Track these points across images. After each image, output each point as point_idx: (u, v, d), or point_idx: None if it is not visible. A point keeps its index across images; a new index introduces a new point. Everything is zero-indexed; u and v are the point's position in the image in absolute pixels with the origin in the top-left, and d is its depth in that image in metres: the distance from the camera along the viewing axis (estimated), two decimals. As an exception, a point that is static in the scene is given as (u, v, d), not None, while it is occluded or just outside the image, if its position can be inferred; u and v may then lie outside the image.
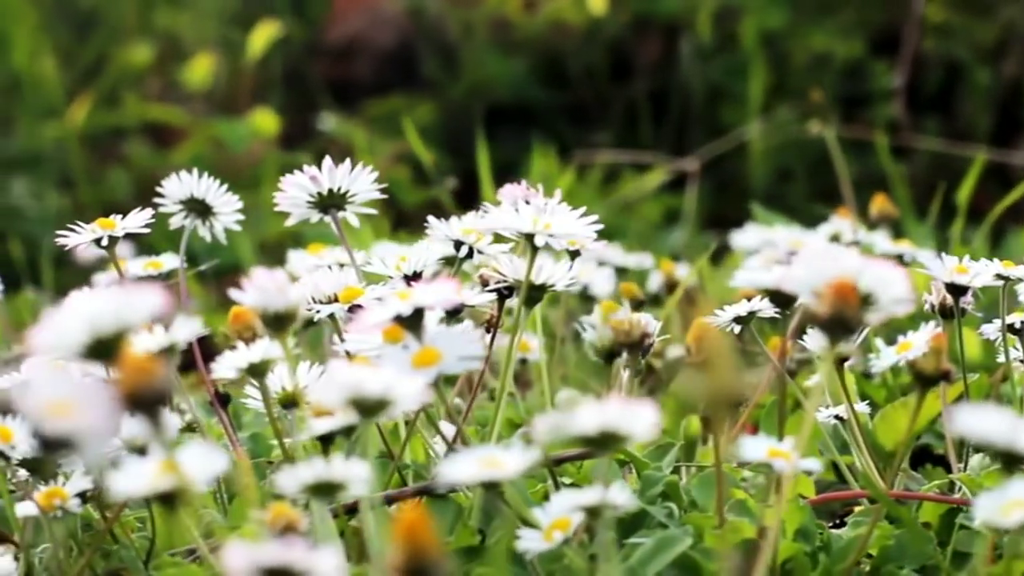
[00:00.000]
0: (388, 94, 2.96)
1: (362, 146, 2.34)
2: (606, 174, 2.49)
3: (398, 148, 2.67)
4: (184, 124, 2.73)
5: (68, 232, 1.32)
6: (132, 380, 0.82)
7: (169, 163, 2.73)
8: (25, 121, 2.71)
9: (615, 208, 2.23)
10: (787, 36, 2.68)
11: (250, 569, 0.82)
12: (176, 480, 0.91)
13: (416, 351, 1.06)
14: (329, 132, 2.75)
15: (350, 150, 2.78)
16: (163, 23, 3.07)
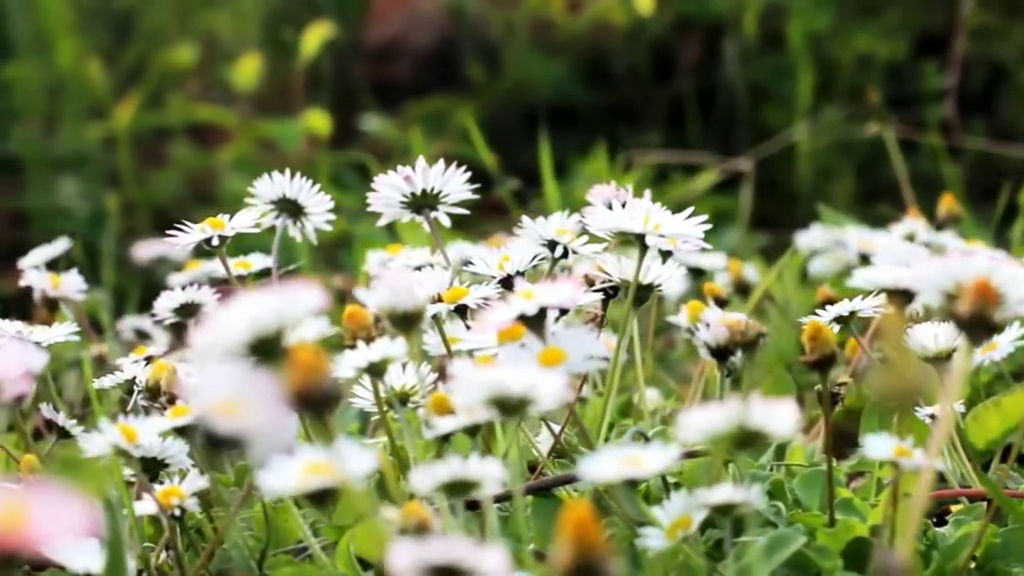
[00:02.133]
0: (427, 95, 2.96)
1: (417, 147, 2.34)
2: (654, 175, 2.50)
3: (441, 149, 2.68)
4: (230, 125, 2.74)
5: (176, 231, 1.32)
6: (301, 379, 0.82)
7: (215, 163, 2.73)
8: (69, 122, 2.71)
9: (667, 208, 2.23)
10: (831, 37, 2.69)
11: (416, 567, 0.82)
12: (327, 479, 0.92)
13: (541, 351, 1.07)
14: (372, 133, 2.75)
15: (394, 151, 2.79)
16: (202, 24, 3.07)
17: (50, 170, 2.60)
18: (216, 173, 2.74)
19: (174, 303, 1.44)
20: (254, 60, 2.75)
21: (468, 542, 0.83)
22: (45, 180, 2.62)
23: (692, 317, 1.50)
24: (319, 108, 2.62)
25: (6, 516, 0.65)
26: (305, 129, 2.55)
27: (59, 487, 0.66)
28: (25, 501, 0.66)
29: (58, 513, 0.66)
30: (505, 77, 2.92)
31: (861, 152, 2.67)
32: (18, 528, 0.65)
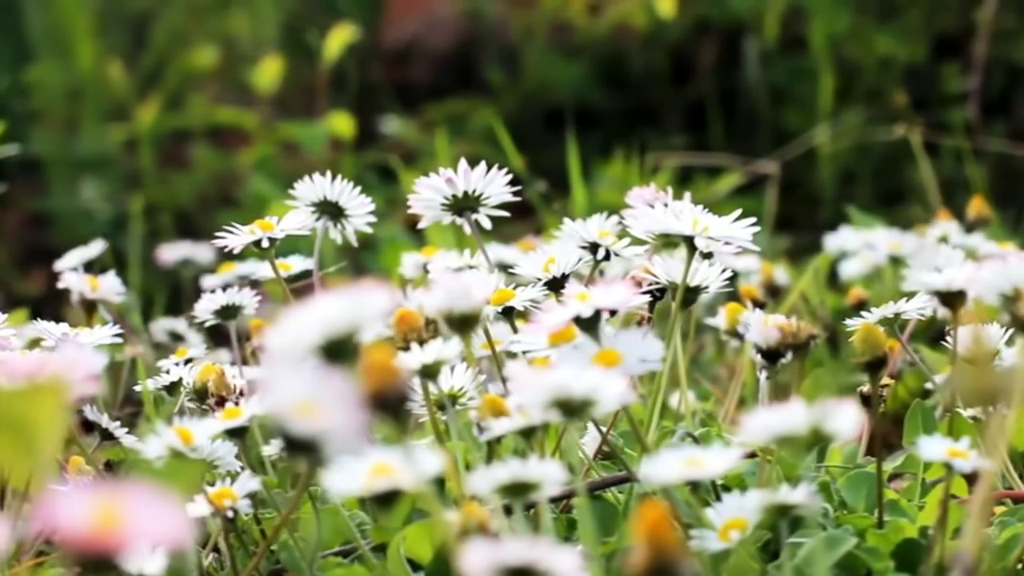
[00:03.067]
0: (444, 97, 2.97)
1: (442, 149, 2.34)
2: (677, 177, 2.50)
3: (462, 151, 2.68)
4: (251, 127, 2.74)
5: (225, 233, 1.32)
6: (376, 380, 0.82)
7: (236, 166, 2.73)
8: (90, 124, 2.71)
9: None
10: (851, 40, 2.69)
11: (491, 568, 0.82)
12: (393, 480, 0.92)
13: (596, 352, 1.07)
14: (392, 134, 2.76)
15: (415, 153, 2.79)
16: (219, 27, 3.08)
17: (72, 172, 2.60)
18: (236, 175, 2.74)
19: (215, 305, 1.45)
20: (275, 63, 2.75)
21: (543, 543, 0.83)
22: (67, 182, 2.62)
23: (731, 319, 1.50)
24: (341, 110, 2.62)
25: (100, 517, 0.65)
26: (329, 131, 2.55)
27: (149, 489, 0.66)
28: (118, 503, 0.66)
29: (151, 515, 0.66)
30: (524, 80, 2.92)
31: (880, 155, 2.68)
32: (112, 530, 0.65)
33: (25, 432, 0.63)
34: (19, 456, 0.64)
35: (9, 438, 0.63)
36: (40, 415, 0.64)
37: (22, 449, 0.63)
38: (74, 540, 0.65)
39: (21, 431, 0.63)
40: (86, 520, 0.65)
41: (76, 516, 0.65)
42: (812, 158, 2.64)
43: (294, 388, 0.80)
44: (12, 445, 0.63)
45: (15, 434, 0.63)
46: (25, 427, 0.63)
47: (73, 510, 0.65)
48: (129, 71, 2.89)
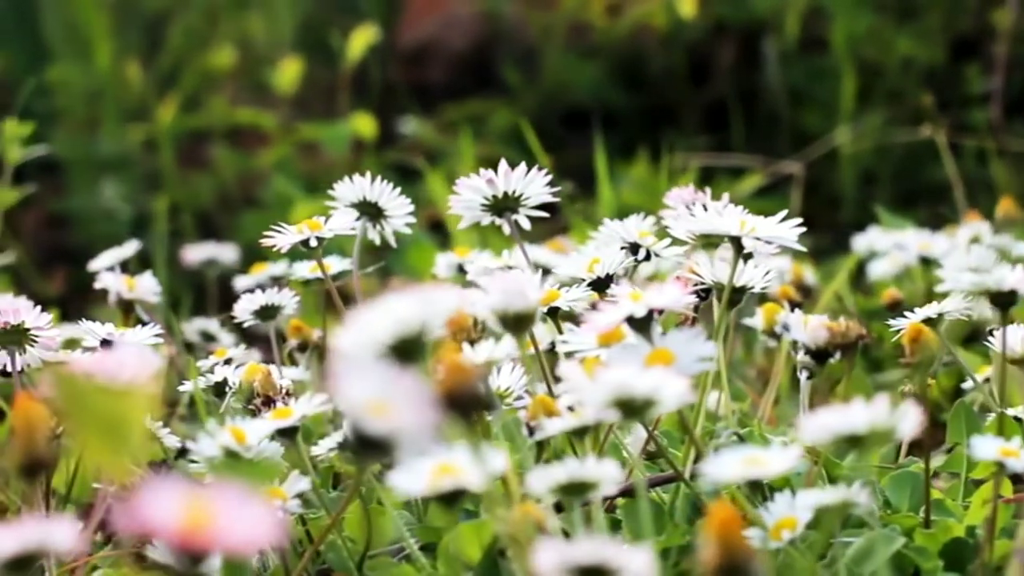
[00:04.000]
0: (462, 98, 2.97)
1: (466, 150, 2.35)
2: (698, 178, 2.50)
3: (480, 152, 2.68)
4: (270, 128, 2.74)
5: (274, 233, 1.32)
6: (451, 380, 0.82)
7: (255, 166, 2.74)
8: (109, 125, 2.71)
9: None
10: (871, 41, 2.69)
11: (562, 567, 0.83)
12: (458, 480, 0.92)
13: (649, 352, 1.07)
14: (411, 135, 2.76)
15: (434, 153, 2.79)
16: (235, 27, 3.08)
17: (91, 172, 2.60)
18: (255, 176, 2.74)
19: (255, 305, 1.45)
20: (295, 63, 2.76)
21: (614, 543, 0.83)
22: (87, 182, 2.62)
23: (768, 320, 1.50)
24: (362, 111, 2.63)
25: (191, 516, 0.66)
26: (352, 132, 2.55)
27: (238, 487, 0.66)
28: (209, 501, 0.66)
29: (241, 514, 0.66)
30: (542, 80, 2.92)
31: (899, 156, 2.68)
32: (203, 528, 0.66)
33: (116, 431, 0.63)
34: (111, 455, 0.64)
35: (101, 437, 0.63)
36: (130, 414, 0.64)
37: (114, 448, 0.64)
38: (166, 539, 0.66)
39: (113, 430, 0.63)
40: (177, 519, 0.65)
41: (168, 515, 0.65)
42: (832, 159, 2.65)
43: (367, 387, 0.80)
44: (104, 444, 0.63)
45: (107, 433, 0.63)
46: (116, 426, 0.63)
47: (165, 509, 0.65)
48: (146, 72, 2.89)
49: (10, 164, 1.95)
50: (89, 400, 0.63)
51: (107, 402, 0.63)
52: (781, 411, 1.63)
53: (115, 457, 0.64)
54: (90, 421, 0.63)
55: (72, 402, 0.64)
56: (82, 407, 0.63)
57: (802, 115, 2.79)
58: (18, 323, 1.28)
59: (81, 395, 0.64)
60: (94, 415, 0.63)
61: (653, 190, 2.42)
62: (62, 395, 0.64)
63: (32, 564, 0.83)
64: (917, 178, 2.67)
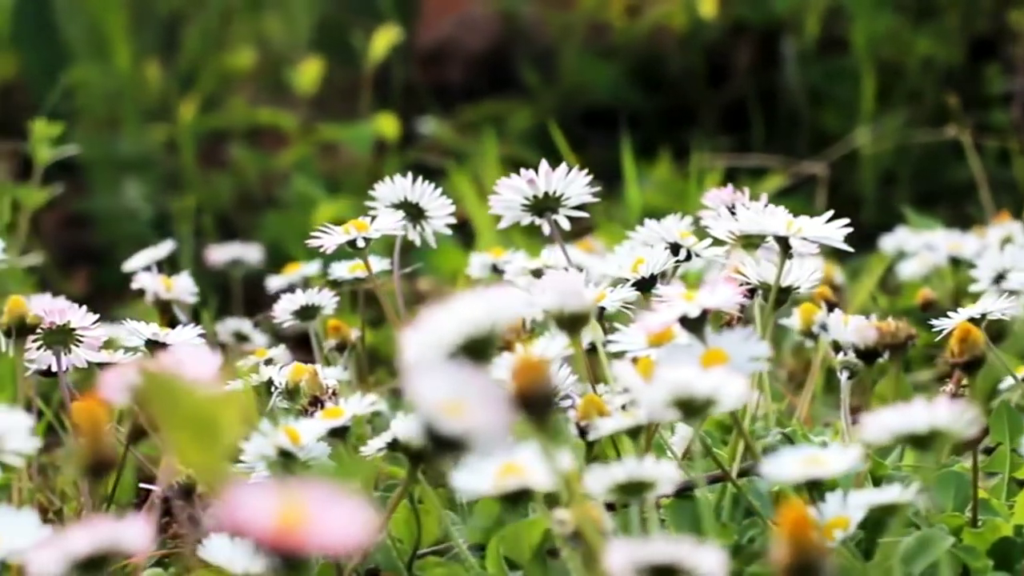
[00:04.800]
0: (479, 98, 2.97)
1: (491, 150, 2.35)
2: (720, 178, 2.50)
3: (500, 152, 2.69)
4: (290, 128, 2.74)
5: (321, 233, 1.32)
6: (524, 379, 0.83)
7: (274, 167, 2.74)
8: (130, 125, 2.71)
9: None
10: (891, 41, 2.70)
11: (634, 567, 0.83)
12: (523, 480, 0.92)
13: (702, 352, 1.07)
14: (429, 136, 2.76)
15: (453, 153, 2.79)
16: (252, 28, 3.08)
17: (112, 173, 2.61)
18: (274, 176, 2.75)
19: (295, 305, 1.45)
20: (315, 64, 2.76)
21: (686, 542, 0.83)
22: (107, 183, 2.62)
23: (805, 320, 1.51)
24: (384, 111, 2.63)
25: (286, 515, 0.66)
26: (375, 132, 2.56)
27: (331, 486, 0.67)
28: (303, 500, 0.66)
29: (333, 513, 0.66)
30: (560, 81, 2.93)
31: (918, 157, 2.69)
32: (298, 527, 0.66)
33: (209, 433, 0.63)
34: (203, 456, 0.64)
35: (194, 439, 0.63)
36: (224, 416, 0.64)
37: (206, 450, 0.64)
38: (259, 539, 0.66)
39: (205, 432, 0.63)
40: (271, 519, 0.66)
41: (261, 515, 0.66)
42: (851, 159, 2.65)
43: (441, 387, 0.80)
44: (197, 446, 0.64)
45: (200, 435, 0.63)
46: (209, 428, 0.63)
47: (258, 509, 0.66)
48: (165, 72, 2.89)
49: (40, 164, 1.95)
50: (181, 402, 0.64)
51: (199, 404, 0.64)
52: (814, 411, 1.63)
53: (208, 458, 0.64)
54: (182, 423, 0.64)
55: (163, 404, 0.64)
56: (174, 408, 0.64)
57: (820, 115, 2.79)
58: (64, 323, 1.28)
59: (172, 396, 0.64)
60: (186, 417, 0.63)
61: (676, 190, 2.42)
62: (152, 397, 0.65)
63: (104, 565, 0.83)
64: (937, 178, 2.68)
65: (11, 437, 1.00)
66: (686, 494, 1.24)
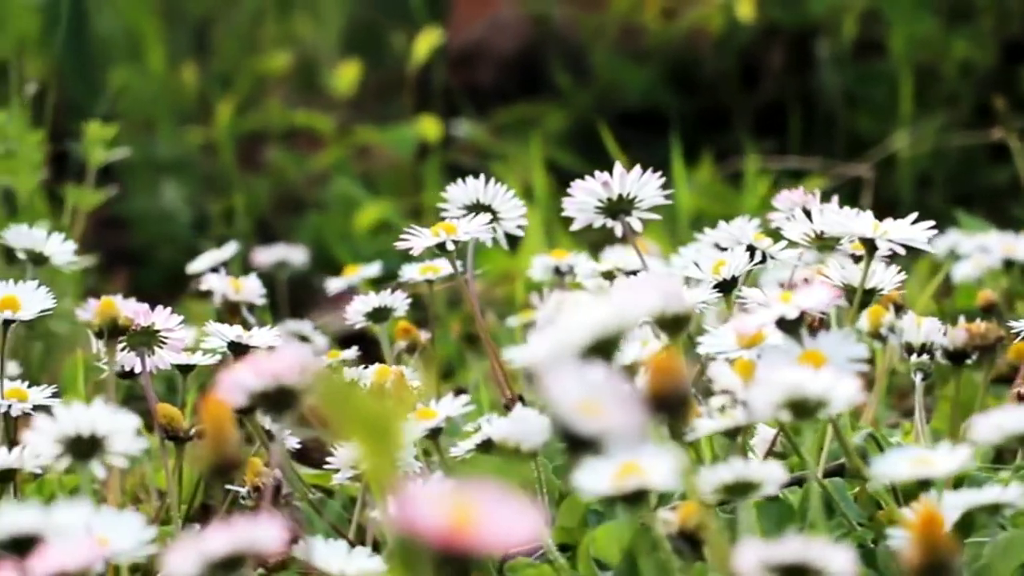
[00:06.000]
0: (510, 100, 2.98)
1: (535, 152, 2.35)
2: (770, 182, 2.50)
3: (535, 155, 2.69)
4: (326, 130, 2.75)
5: (409, 235, 1.33)
6: (660, 381, 0.83)
7: (312, 168, 2.74)
8: (165, 127, 2.72)
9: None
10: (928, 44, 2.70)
11: (763, 566, 0.83)
12: (643, 480, 0.92)
13: (800, 354, 1.08)
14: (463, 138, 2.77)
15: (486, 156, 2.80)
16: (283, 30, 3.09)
17: (150, 175, 2.61)
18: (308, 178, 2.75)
19: (367, 307, 1.46)
20: (353, 66, 2.77)
21: (816, 541, 0.84)
22: (145, 185, 2.62)
23: (874, 322, 1.51)
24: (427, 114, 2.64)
25: (456, 516, 0.66)
26: (417, 135, 2.57)
27: (499, 488, 0.67)
28: (471, 502, 0.67)
29: (504, 514, 0.67)
30: (593, 83, 2.93)
31: (955, 159, 2.70)
32: (468, 528, 0.66)
33: (383, 435, 0.64)
34: (380, 460, 0.64)
35: (372, 443, 0.64)
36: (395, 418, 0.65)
37: (380, 451, 0.64)
38: (432, 539, 0.66)
39: (382, 437, 0.64)
40: (443, 519, 0.66)
41: (433, 516, 0.66)
42: (887, 162, 2.66)
43: (577, 387, 0.81)
44: (371, 447, 0.64)
45: (373, 437, 0.64)
46: (383, 430, 0.64)
47: (430, 509, 0.66)
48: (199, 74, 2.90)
49: (93, 166, 1.96)
50: (355, 405, 0.64)
51: (374, 409, 0.64)
52: (877, 413, 1.63)
53: (382, 462, 0.65)
54: (357, 427, 0.64)
55: (339, 408, 0.64)
56: (348, 412, 0.64)
57: (855, 118, 2.80)
58: (148, 324, 1.28)
59: (346, 400, 0.64)
60: (361, 421, 0.64)
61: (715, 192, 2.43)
62: (327, 401, 0.65)
63: (240, 565, 0.83)
64: (973, 181, 2.68)
65: (117, 438, 1.00)
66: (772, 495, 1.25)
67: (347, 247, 2.35)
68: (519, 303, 1.88)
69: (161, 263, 2.61)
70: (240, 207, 2.47)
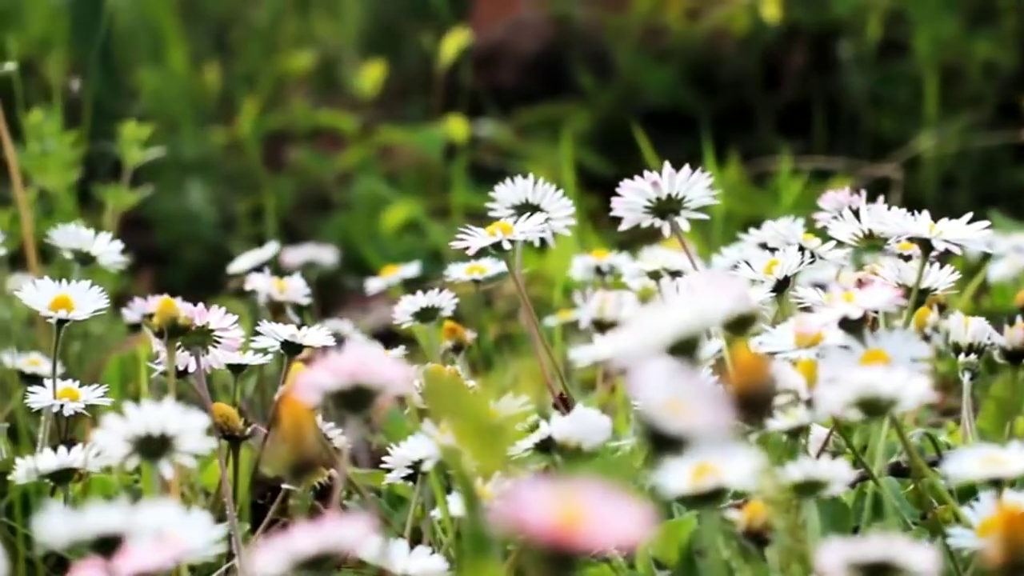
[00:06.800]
0: (532, 101, 2.98)
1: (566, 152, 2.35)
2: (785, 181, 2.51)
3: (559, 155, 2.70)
4: (349, 130, 2.75)
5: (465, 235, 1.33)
6: (746, 380, 0.83)
7: (336, 168, 2.75)
8: (188, 127, 2.72)
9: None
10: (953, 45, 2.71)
11: (849, 564, 0.84)
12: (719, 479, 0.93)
13: (863, 353, 1.08)
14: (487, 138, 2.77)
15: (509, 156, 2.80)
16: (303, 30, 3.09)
17: (174, 175, 2.61)
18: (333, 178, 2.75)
19: (415, 307, 1.46)
20: (378, 66, 2.77)
21: (899, 540, 0.84)
22: (170, 185, 2.63)
23: (919, 322, 1.52)
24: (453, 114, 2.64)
25: (564, 515, 0.67)
26: (445, 135, 2.57)
27: (606, 486, 0.67)
28: (581, 499, 0.67)
29: (610, 511, 0.67)
30: (616, 83, 2.93)
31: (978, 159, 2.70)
32: (577, 527, 0.67)
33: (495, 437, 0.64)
34: (490, 458, 0.65)
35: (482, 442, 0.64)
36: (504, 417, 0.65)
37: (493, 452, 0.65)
38: (540, 537, 0.67)
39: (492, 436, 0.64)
40: (552, 517, 0.66)
41: (541, 513, 0.66)
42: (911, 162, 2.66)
43: (663, 387, 0.81)
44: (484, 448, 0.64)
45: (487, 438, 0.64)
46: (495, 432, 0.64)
47: (538, 507, 0.66)
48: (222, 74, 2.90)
49: (130, 166, 1.96)
50: (467, 406, 0.64)
51: (484, 409, 0.64)
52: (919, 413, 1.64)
53: (492, 460, 0.65)
54: (468, 426, 0.64)
55: (450, 408, 0.65)
56: (461, 413, 0.64)
57: (877, 119, 2.80)
58: (203, 323, 1.28)
59: (459, 401, 0.65)
60: (472, 421, 0.64)
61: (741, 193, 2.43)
62: (438, 401, 0.65)
63: (327, 564, 0.83)
64: (996, 181, 2.69)
65: (186, 437, 1.01)
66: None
67: (374, 247, 2.35)
68: (556, 303, 1.88)
69: (186, 263, 2.62)
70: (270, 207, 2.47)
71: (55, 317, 1.33)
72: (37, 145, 1.89)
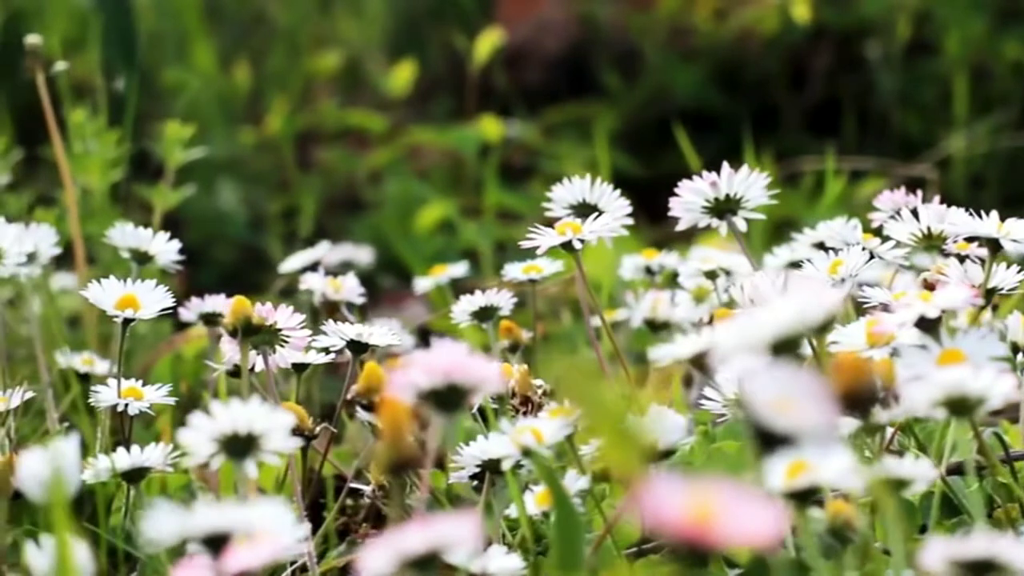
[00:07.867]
0: (557, 101, 2.98)
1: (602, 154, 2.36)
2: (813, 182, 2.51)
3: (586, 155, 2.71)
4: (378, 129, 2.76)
5: (534, 234, 1.34)
6: (850, 379, 0.84)
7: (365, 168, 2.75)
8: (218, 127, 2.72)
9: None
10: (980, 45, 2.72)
11: (952, 561, 0.84)
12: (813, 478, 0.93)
13: (940, 353, 1.09)
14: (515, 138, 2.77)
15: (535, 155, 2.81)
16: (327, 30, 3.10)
17: (204, 174, 2.61)
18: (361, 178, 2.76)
19: (474, 306, 1.46)
20: (408, 67, 2.78)
21: (1001, 537, 0.85)
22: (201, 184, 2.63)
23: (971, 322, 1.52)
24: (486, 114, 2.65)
25: (699, 511, 0.67)
26: (480, 135, 2.57)
27: (740, 485, 0.68)
28: (715, 497, 0.68)
29: (743, 509, 0.68)
30: (643, 83, 2.94)
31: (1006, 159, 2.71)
32: (710, 524, 0.67)
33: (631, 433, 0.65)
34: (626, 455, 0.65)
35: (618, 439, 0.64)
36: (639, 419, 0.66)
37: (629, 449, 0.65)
38: (676, 533, 0.67)
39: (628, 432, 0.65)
40: (687, 514, 0.67)
41: (676, 510, 0.67)
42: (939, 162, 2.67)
43: (772, 385, 0.81)
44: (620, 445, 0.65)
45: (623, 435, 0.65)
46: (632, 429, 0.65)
47: (673, 504, 0.67)
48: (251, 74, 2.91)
49: (172, 166, 1.96)
50: (605, 403, 0.65)
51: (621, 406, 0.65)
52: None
53: (628, 457, 0.66)
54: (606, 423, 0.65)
55: (589, 405, 0.65)
56: (598, 409, 0.65)
57: (905, 119, 2.81)
58: (270, 323, 1.29)
59: (597, 398, 0.65)
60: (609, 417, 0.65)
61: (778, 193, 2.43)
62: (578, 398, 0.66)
63: (434, 564, 0.84)
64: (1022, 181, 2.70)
65: (272, 436, 1.01)
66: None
67: (408, 246, 2.35)
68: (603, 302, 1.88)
69: (217, 262, 2.62)
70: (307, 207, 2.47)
71: (121, 316, 1.34)
72: (80, 145, 1.89)
